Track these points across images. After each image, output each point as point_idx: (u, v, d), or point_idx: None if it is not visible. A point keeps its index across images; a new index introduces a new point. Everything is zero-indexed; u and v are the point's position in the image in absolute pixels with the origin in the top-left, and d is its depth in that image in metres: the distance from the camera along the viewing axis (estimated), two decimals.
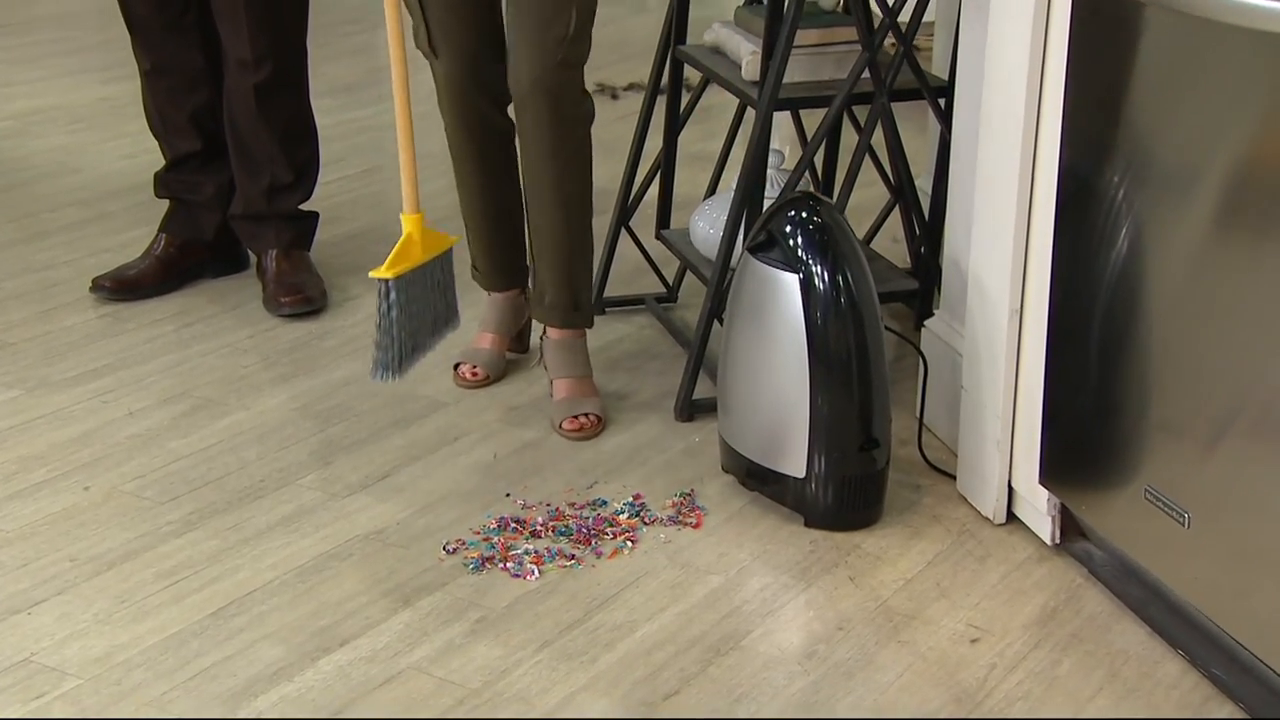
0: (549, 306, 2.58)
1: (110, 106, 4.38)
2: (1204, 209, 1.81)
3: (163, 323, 2.97)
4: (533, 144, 2.47)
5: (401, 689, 1.93)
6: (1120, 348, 1.99)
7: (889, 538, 2.26)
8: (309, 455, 2.50)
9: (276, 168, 3.04)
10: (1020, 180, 2.14)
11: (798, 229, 2.23)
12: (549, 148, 2.47)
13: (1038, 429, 2.17)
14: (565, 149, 2.48)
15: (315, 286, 3.04)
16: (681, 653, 2.01)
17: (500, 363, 2.72)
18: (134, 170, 3.78)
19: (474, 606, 2.10)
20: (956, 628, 2.05)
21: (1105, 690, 1.93)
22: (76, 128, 4.17)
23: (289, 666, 1.98)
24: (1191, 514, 1.88)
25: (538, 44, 2.41)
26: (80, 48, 5.10)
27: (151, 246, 3.13)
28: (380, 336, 2.21)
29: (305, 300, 2.99)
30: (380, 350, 2.20)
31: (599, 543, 2.24)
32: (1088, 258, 2.04)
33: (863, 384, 2.22)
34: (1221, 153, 1.77)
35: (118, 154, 3.94)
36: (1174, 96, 1.84)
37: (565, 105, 2.45)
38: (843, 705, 1.90)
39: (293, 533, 2.28)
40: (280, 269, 3.05)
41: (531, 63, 2.41)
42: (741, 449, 2.32)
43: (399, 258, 2.29)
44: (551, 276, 2.56)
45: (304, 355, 2.85)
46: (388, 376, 2.28)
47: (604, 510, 2.32)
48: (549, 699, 1.91)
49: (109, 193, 3.67)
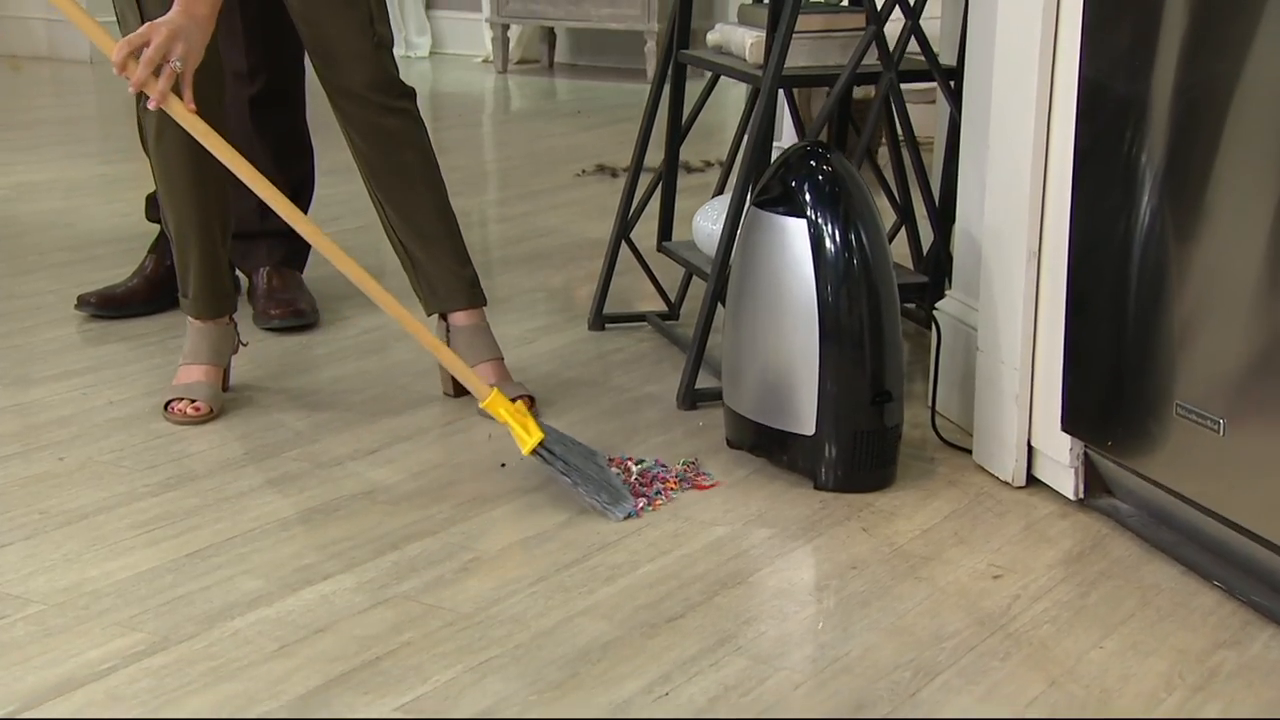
0: (449, 293, 2.50)
1: (107, 180, 4.37)
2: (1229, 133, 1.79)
3: (147, 336, 2.91)
4: (375, 135, 2.46)
5: (388, 612, 1.84)
6: (1144, 273, 1.93)
7: (902, 498, 2.18)
8: (295, 435, 2.42)
9: None
10: (1036, 121, 2.10)
11: (806, 177, 2.19)
12: (393, 135, 2.46)
13: (1058, 376, 2.11)
14: (406, 130, 2.47)
15: (307, 301, 2.99)
16: (685, 585, 1.91)
17: (219, 397, 2.52)
18: (126, 225, 3.75)
19: (466, 550, 2.01)
20: (977, 566, 1.96)
21: (1137, 617, 1.83)
22: (73, 195, 4.16)
23: (268, 595, 1.88)
24: (1226, 420, 1.81)
25: (347, 34, 2.42)
26: (81, 138, 5.13)
27: (140, 267, 3.09)
28: (584, 491, 2.14)
29: (296, 313, 2.94)
30: (594, 498, 2.14)
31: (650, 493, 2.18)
32: (1109, 189, 2.00)
33: (874, 335, 2.16)
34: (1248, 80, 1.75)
35: (110, 214, 3.92)
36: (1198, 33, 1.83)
37: (394, 86, 2.46)
38: (859, 627, 1.80)
39: (276, 493, 2.20)
40: (271, 285, 3.00)
41: (349, 55, 2.42)
42: (748, 412, 2.24)
43: (521, 431, 2.19)
44: (438, 260, 2.50)
45: (294, 360, 2.79)
46: (625, 506, 2.13)
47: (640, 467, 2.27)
48: (545, 622, 1.81)
49: (98, 241, 3.63)
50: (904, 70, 2.56)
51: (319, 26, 2.44)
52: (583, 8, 6.39)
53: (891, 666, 1.71)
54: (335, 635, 1.79)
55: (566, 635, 1.79)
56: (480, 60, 6.94)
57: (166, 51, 2.20)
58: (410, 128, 2.49)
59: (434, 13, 7.18)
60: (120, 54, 2.19)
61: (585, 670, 1.71)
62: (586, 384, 2.64)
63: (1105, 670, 1.71)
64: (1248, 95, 1.76)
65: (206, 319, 2.54)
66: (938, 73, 2.56)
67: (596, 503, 2.13)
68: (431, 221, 2.50)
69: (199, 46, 2.24)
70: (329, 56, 2.46)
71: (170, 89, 2.21)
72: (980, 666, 1.71)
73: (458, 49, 7.14)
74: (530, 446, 2.17)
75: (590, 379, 2.68)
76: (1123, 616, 1.83)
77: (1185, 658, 1.74)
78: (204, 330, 2.54)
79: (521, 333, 2.92)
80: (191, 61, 2.23)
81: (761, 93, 2.49)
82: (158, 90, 2.21)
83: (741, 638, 1.78)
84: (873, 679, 1.69)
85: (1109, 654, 1.74)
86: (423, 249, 2.51)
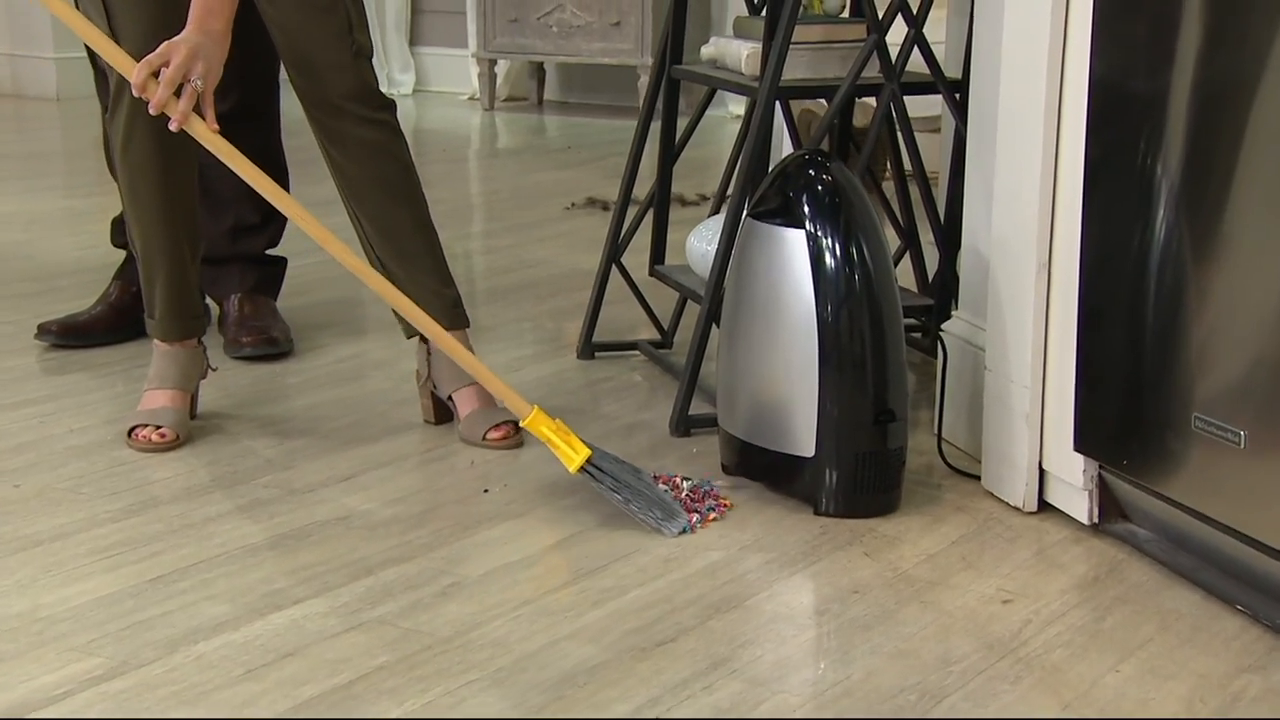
0: (434, 314, 2.48)
1: (71, 213, 4.38)
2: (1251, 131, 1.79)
3: (111, 365, 2.91)
4: (354, 148, 2.46)
5: (362, 636, 1.82)
6: (1161, 282, 1.93)
7: (907, 523, 2.17)
8: (266, 462, 2.41)
9: (242, 207, 3.01)
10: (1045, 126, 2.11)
11: (805, 187, 2.19)
12: (372, 148, 2.47)
13: (1070, 393, 2.11)
14: (386, 142, 2.48)
15: (280, 330, 2.98)
16: (678, 610, 1.90)
17: (186, 423, 2.50)
18: (90, 258, 3.75)
19: (445, 575, 2.00)
20: (986, 592, 1.95)
21: (1155, 641, 1.82)
22: (34, 227, 4.16)
23: (234, 619, 1.87)
24: (1247, 433, 1.80)
25: (324, 42, 2.43)
26: (45, 172, 5.14)
27: (105, 294, 3.08)
28: (635, 508, 2.15)
29: (269, 341, 2.93)
30: (646, 515, 2.14)
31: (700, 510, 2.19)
32: (1123, 195, 2.00)
33: (876, 351, 2.16)
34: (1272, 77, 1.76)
35: (74, 246, 3.92)
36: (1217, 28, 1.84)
37: (373, 97, 2.47)
38: (861, 651, 1.79)
39: (245, 518, 2.19)
40: (243, 312, 2.99)
41: (327, 64, 2.42)
42: (744, 435, 2.24)
43: (566, 449, 2.20)
44: (418, 279, 2.50)
45: (266, 388, 2.78)
46: (679, 522, 2.14)
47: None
48: (529, 645, 1.80)
49: (61, 273, 3.63)
50: (907, 82, 2.57)
51: (295, 34, 2.45)
52: (573, 42, 6.42)
53: (896, 690, 1.70)
54: (305, 659, 1.77)
55: (551, 659, 1.77)
56: (466, 98, 6.97)
57: (187, 70, 2.22)
58: (390, 140, 2.49)
59: (418, 48, 7.22)
60: (141, 75, 2.21)
61: (571, 693, 1.69)
62: (574, 412, 2.63)
63: (1121, 695, 1.69)
64: (1272, 93, 1.76)
65: (173, 341, 2.53)
66: (942, 84, 2.57)
67: (650, 519, 2.14)
68: (411, 238, 2.50)
69: (218, 64, 2.27)
70: (305, 66, 2.46)
71: (192, 109, 2.23)
72: (989, 690, 1.70)
73: (443, 86, 7.17)
74: (577, 464, 2.18)
75: (578, 407, 2.67)
76: (1140, 641, 1.82)
77: (1207, 682, 1.72)
78: (171, 353, 2.54)
79: (507, 361, 2.92)
80: (211, 80, 2.25)
81: (758, 102, 2.50)
82: (179, 110, 2.22)
83: (736, 661, 1.76)
84: (875, 702, 1.67)
85: (1125, 679, 1.73)
86: (402, 267, 2.51)
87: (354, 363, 2.93)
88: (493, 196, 4.91)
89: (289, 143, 3.04)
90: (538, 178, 5.07)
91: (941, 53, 2.88)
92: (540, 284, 3.55)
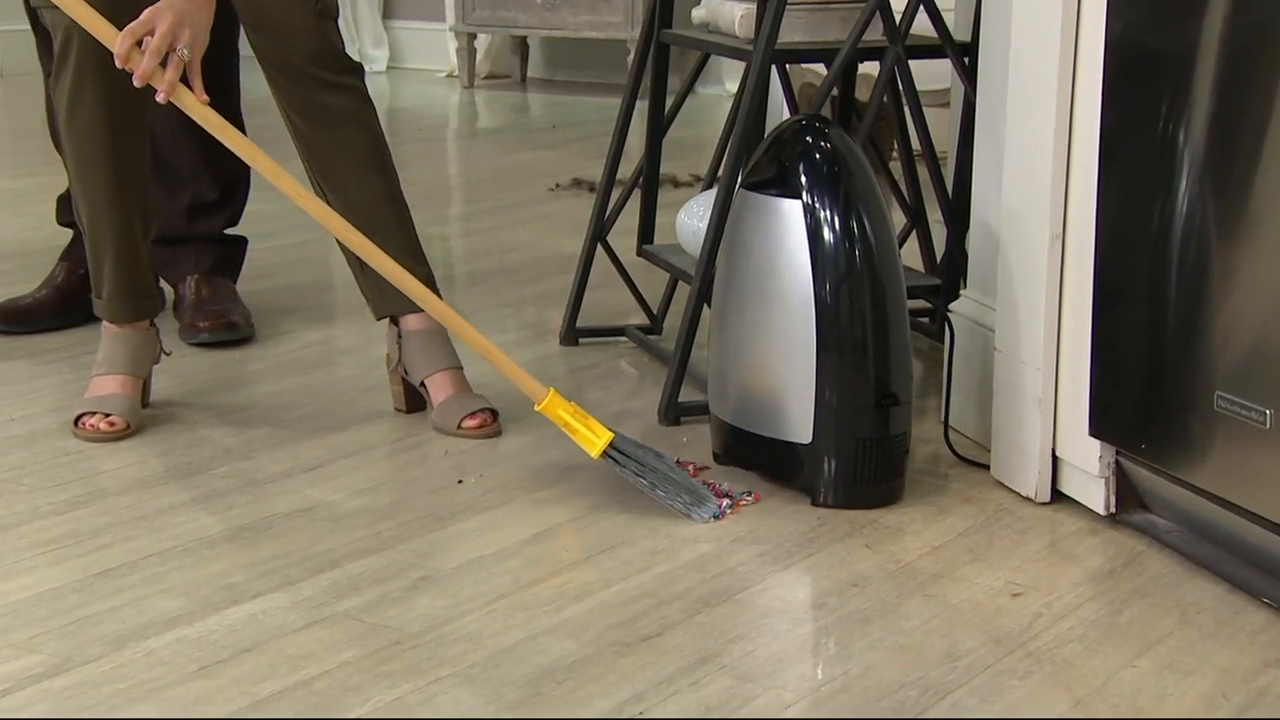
0: (400, 293, 2.49)
1: (14, 194, 4.39)
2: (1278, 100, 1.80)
3: (56, 350, 2.92)
4: (319, 115, 2.48)
5: (325, 631, 1.83)
6: (1184, 255, 1.95)
7: (911, 514, 2.18)
8: (224, 452, 2.42)
9: (199, 184, 3.03)
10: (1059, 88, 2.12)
11: (802, 155, 2.20)
12: (338, 115, 2.49)
13: (1085, 374, 2.12)
14: (352, 109, 2.50)
15: (240, 314, 2.99)
16: (664, 604, 1.91)
17: (137, 411, 2.50)
18: (35, 240, 3.75)
19: (415, 568, 2.01)
20: (994, 584, 1.96)
21: (1175, 635, 1.83)
22: None
23: (188, 614, 1.88)
24: (1272, 411, 1.81)
25: (286, 2, 2.45)
26: None
27: (50, 277, 3.09)
28: (662, 493, 2.18)
29: (228, 326, 2.94)
30: (675, 500, 2.17)
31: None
32: (1142, 162, 2.01)
33: (878, 330, 2.17)
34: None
35: (18, 228, 3.93)
36: None
37: (339, 60, 2.48)
38: (860, 645, 1.80)
39: (201, 510, 2.20)
40: (200, 296, 3.00)
41: (289, 26, 2.44)
42: (737, 421, 2.25)
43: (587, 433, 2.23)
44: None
45: (225, 375, 2.79)
46: (710, 507, 2.17)
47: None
48: (504, 640, 1.81)
49: (3, 256, 3.64)
50: (912, 45, 2.59)
51: None
52: (559, 14, 6.44)
53: (896, 685, 1.71)
54: (264, 655, 1.78)
55: (529, 654, 1.78)
56: (444, 75, 6.99)
57: (173, 39, 2.24)
58: (358, 106, 2.50)
59: (392, 22, 7.24)
60: (124, 45, 2.22)
61: (549, 690, 1.70)
62: None
63: (1138, 690, 1.71)
64: None
65: (124, 323, 2.54)
66: (950, 46, 2.58)
67: (679, 505, 2.17)
68: (380, 211, 2.51)
69: (204, 31, 2.28)
70: (266, 27, 2.47)
71: (179, 79, 2.25)
72: (996, 685, 1.71)
73: (419, 63, 7.19)
74: (600, 449, 2.20)
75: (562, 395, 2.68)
76: (1159, 635, 1.83)
77: (1230, 677, 1.73)
78: (121, 336, 2.55)
79: None
80: (199, 48, 2.27)
81: (752, 67, 2.51)
82: (167, 81, 2.24)
83: (726, 656, 1.78)
84: (874, 698, 1.68)
85: (1142, 673, 1.74)
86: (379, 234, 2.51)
87: (320, 349, 2.94)
88: (472, 178, 4.93)
89: (250, 121, 3.05)
90: (520, 158, 5.09)
91: (950, 16, 2.89)
92: (522, 268, 3.57)
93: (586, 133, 5.50)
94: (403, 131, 5.59)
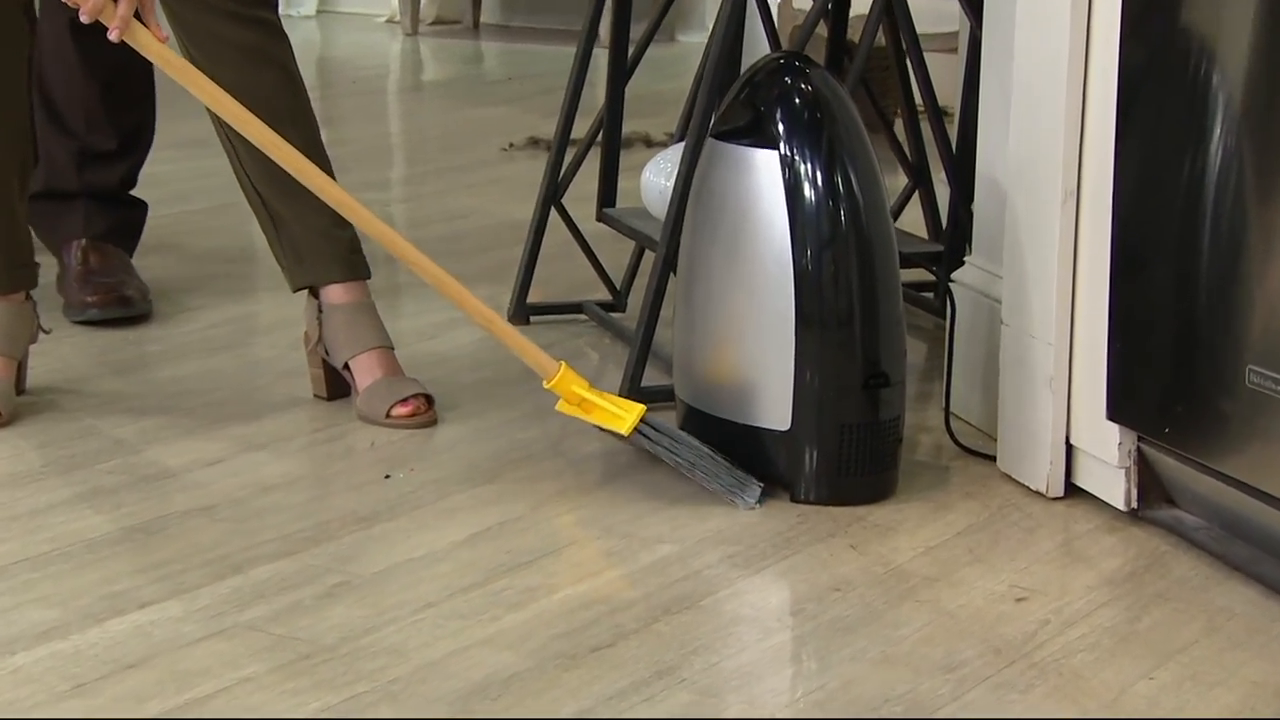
0: (320, 260, 2.53)
1: None
2: None
3: None
4: (224, 51, 2.49)
5: (224, 644, 1.85)
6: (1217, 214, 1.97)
7: (904, 511, 2.21)
8: (114, 444, 2.44)
9: (94, 132, 3.03)
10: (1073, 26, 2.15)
11: (779, 99, 2.22)
12: (246, 52, 2.50)
13: (1102, 350, 2.15)
14: (264, 46, 2.52)
15: (136, 288, 3.00)
16: (617, 611, 1.94)
17: (12, 398, 2.52)
18: None
19: (331, 573, 2.03)
20: (996, 589, 1.99)
21: (1200, 644, 1.86)
22: None
23: (63, 626, 1.90)
24: None
25: None
26: None
27: None
28: (701, 473, 2.23)
29: (121, 301, 2.95)
30: (716, 482, 2.22)
31: None
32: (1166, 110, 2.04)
33: (865, 301, 2.20)
34: None
35: None
36: None
37: None
38: (840, 656, 1.83)
39: (84, 509, 2.22)
40: (88, 265, 3.00)
41: None
42: (705, 405, 2.27)
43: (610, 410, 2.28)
44: (306, 218, 2.53)
45: (117, 358, 2.81)
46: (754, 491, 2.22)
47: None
48: (431, 653, 1.84)
49: None
50: None
51: None
52: None
53: (880, 700, 1.74)
54: (151, 671, 1.80)
55: (459, 668, 1.80)
56: (384, 20, 7.02)
57: None
58: (269, 42, 2.52)
59: None
60: None
61: (481, 707, 1.73)
62: (501, 385, 2.67)
63: (1155, 704, 1.73)
64: None
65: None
66: None
67: (720, 486, 2.22)
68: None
69: None
70: None
71: (132, 15, 2.26)
72: (994, 700, 1.74)
73: (354, 6, 7.21)
74: (630, 424, 2.25)
75: (507, 379, 2.70)
76: (1182, 644, 1.86)
77: (1261, 691, 1.76)
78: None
79: (420, 327, 2.95)
80: None
81: None
82: (119, 16, 2.25)
83: (686, 669, 1.80)
84: (855, 715, 1.71)
85: (1161, 686, 1.77)
86: (286, 203, 2.53)
87: (230, 328, 2.97)
88: (414, 136, 4.96)
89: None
90: (470, 114, 5.12)
91: None
92: (468, 237, 3.60)
93: (546, 85, 5.52)
94: (336, 84, 5.63)
